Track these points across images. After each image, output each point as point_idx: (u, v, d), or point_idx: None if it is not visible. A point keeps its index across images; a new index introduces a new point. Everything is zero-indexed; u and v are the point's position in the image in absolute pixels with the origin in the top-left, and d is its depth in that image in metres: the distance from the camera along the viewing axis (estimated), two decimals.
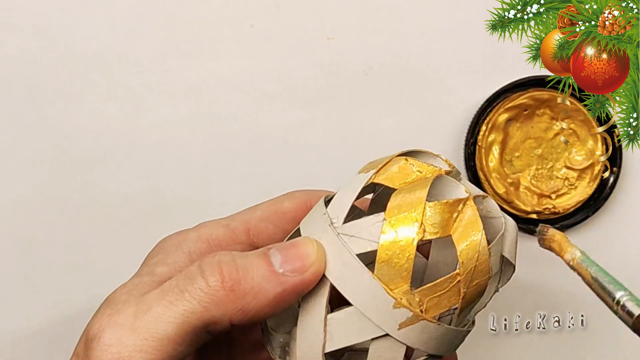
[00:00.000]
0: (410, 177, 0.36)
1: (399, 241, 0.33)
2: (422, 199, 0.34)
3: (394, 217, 0.34)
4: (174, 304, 0.35)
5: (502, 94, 0.56)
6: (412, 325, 0.34)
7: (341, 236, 0.35)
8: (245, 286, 0.35)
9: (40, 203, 0.57)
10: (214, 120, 0.57)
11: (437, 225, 0.34)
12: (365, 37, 0.57)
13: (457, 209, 0.34)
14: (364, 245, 0.34)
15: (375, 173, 0.36)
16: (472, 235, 0.34)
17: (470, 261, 0.34)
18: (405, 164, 0.36)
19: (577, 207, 0.57)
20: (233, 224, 0.42)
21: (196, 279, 0.35)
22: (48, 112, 0.56)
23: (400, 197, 0.34)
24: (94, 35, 0.56)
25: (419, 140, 0.57)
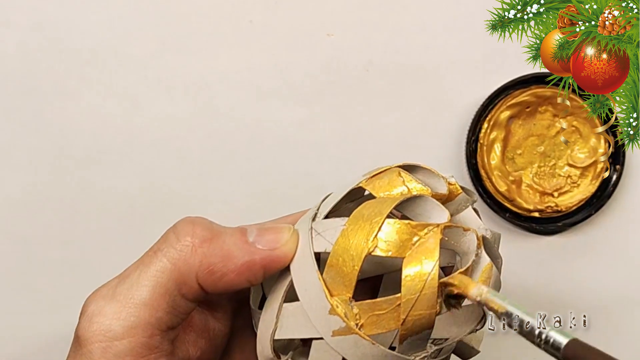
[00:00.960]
0: (395, 190, 0.36)
1: (350, 249, 0.34)
2: (383, 213, 0.34)
3: (352, 225, 0.34)
4: (148, 266, 0.36)
5: (504, 91, 0.57)
6: (344, 336, 0.34)
7: (312, 230, 0.35)
8: (215, 246, 0.36)
9: (37, 200, 0.57)
10: (212, 118, 0.57)
11: (392, 244, 0.34)
12: (366, 34, 0.57)
13: (419, 233, 0.34)
14: (324, 245, 0.35)
15: (367, 178, 0.37)
16: (423, 262, 0.33)
17: (413, 289, 0.33)
18: (396, 177, 0.36)
19: (579, 205, 0.58)
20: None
21: (169, 237, 0.36)
22: (45, 109, 0.57)
23: (367, 207, 0.35)
24: (91, 31, 0.57)
25: (420, 137, 0.58)
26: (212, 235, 0.36)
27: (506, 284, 0.58)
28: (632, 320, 0.59)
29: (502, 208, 0.58)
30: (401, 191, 0.36)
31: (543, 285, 0.59)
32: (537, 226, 0.58)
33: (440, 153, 0.58)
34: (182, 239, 0.36)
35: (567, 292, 0.59)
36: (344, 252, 0.34)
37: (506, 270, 0.58)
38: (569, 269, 0.59)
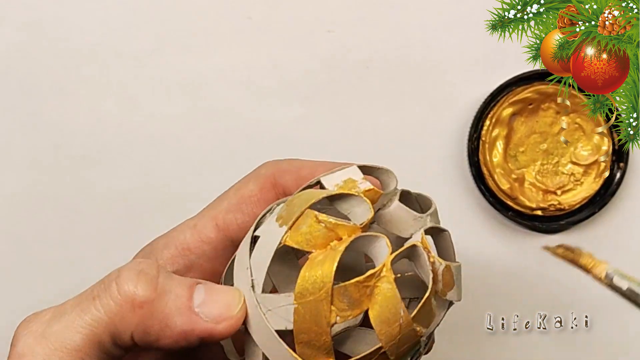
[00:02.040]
0: (321, 240, 0.36)
1: (313, 326, 0.34)
2: (327, 283, 0.34)
3: (303, 302, 0.35)
4: (84, 311, 0.35)
5: (506, 87, 0.58)
6: None
7: (261, 306, 0.36)
8: (156, 309, 0.35)
9: (34, 200, 0.59)
10: (210, 116, 0.59)
11: (350, 305, 0.34)
12: (366, 30, 0.58)
13: (370, 284, 0.34)
14: (281, 323, 0.35)
15: (288, 230, 0.36)
16: (388, 311, 0.34)
17: (391, 335, 0.34)
18: (315, 223, 0.36)
19: (583, 204, 0.59)
20: (201, 222, 0.42)
21: (110, 285, 0.35)
22: (42, 108, 0.58)
23: (307, 278, 0.35)
24: (89, 29, 0.58)
25: (421, 135, 0.59)
26: (155, 295, 0.35)
27: (508, 283, 0.60)
28: (636, 321, 0.60)
29: (504, 206, 0.59)
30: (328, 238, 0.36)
31: (545, 284, 0.60)
32: (540, 225, 0.59)
33: (441, 151, 0.59)
34: (122, 294, 0.35)
35: (570, 292, 0.60)
36: (308, 330, 0.35)
37: (508, 269, 0.60)
38: (572, 268, 0.60)
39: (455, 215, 0.60)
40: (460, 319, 0.59)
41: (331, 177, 0.39)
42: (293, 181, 0.42)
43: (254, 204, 0.42)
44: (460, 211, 0.60)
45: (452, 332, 0.59)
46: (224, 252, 0.42)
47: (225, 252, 0.42)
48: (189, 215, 0.57)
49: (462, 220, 0.60)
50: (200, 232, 0.42)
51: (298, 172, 0.42)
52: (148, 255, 0.42)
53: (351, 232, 0.36)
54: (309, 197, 0.37)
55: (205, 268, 0.42)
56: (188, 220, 0.43)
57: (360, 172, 0.39)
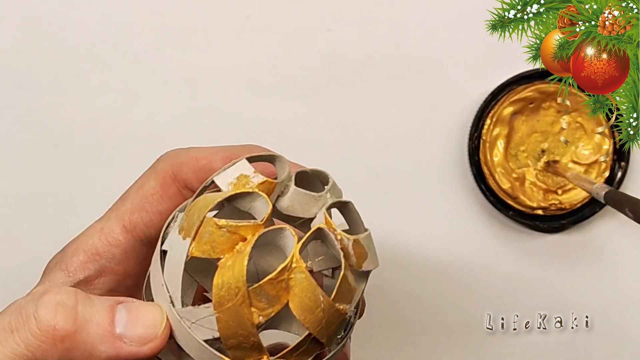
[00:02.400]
0: (227, 245, 0.36)
1: (239, 329, 0.35)
2: (242, 287, 0.35)
3: (223, 310, 0.35)
4: (3, 344, 0.35)
5: (507, 86, 0.58)
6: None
7: (184, 320, 0.36)
8: (78, 340, 0.35)
9: (31, 198, 0.59)
10: (209, 113, 0.59)
11: (270, 302, 0.35)
12: (366, 28, 0.59)
13: (284, 277, 0.35)
14: (207, 333, 0.36)
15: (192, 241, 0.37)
16: (310, 299, 0.35)
17: (317, 320, 0.36)
18: (216, 230, 0.36)
19: (584, 203, 0.60)
20: (107, 225, 0.42)
21: (29, 319, 0.35)
22: (39, 105, 0.58)
23: (220, 286, 0.35)
24: (87, 25, 0.58)
25: (421, 134, 0.59)
26: (76, 327, 0.35)
27: (508, 283, 0.60)
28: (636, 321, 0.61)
29: (505, 206, 0.59)
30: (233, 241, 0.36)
31: (546, 283, 0.60)
32: (541, 224, 0.60)
33: (441, 150, 0.60)
34: (42, 329, 0.35)
35: (571, 291, 0.60)
36: (235, 335, 0.35)
37: (509, 268, 0.60)
38: (573, 267, 0.61)
39: (455, 214, 0.60)
40: (460, 319, 0.59)
41: (224, 176, 0.39)
42: (192, 173, 0.42)
43: (157, 201, 0.42)
44: (461, 211, 0.60)
45: (452, 332, 0.60)
46: (134, 252, 0.42)
47: (135, 253, 0.42)
48: None
49: (463, 219, 0.60)
50: (108, 235, 0.42)
51: (196, 162, 0.42)
52: (59, 264, 0.42)
53: (254, 230, 0.36)
54: (205, 204, 0.37)
55: (116, 271, 0.42)
56: (95, 223, 0.43)
57: (250, 165, 0.39)
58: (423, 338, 0.59)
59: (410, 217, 0.59)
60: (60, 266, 0.41)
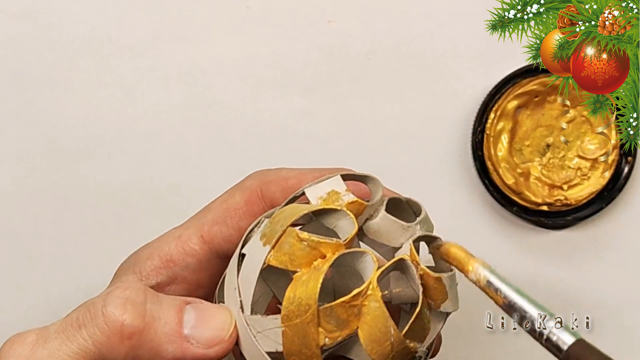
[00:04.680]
0: (305, 259, 0.37)
1: (303, 348, 0.36)
2: (312, 305, 0.35)
3: (290, 325, 0.36)
4: (70, 339, 0.36)
5: (511, 79, 0.60)
6: None
7: (250, 328, 0.37)
8: (145, 338, 0.36)
9: (27, 194, 0.61)
10: (208, 108, 0.61)
11: (338, 326, 0.36)
12: (368, 20, 0.61)
13: (357, 303, 0.36)
14: (271, 345, 0.37)
15: (271, 249, 0.38)
16: (380, 331, 0.36)
17: (384, 354, 0.36)
18: (297, 242, 0.37)
19: (590, 199, 0.62)
20: (186, 233, 0.44)
21: (97, 315, 0.36)
22: (35, 100, 0.60)
23: (293, 302, 0.36)
24: (83, 18, 0.60)
25: (424, 128, 0.61)
26: (144, 324, 0.36)
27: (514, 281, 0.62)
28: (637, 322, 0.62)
29: (509, 201, 0.61)
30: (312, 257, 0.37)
31: (551, 281, 0.62)
32: (546, 220, 0.62)
33: (445, 144, 0.61)
34: (110, 325, 0.36)
35: (577, 289, 0.62)
36: (298, 352, 0.36)
37: (513, 265, 0.62)
38: (579, 265, 0.63)
39: (458, 210, 0.62)
40: (461, 317, 0.61)
41: (315, 189, 0.40)
42: (280, 192, 0.43)
43: (239, 217, 0.44)
44: (464, 206, 0.62)
45: (451, 331, 0.61)
46: (209, 264, 0.44)
47: (209, 265, 0.44)
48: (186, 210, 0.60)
49: (466, 215, 0.62)
50: (185, 243, 0.44)
51: (285, 182, 0.43)
52: (132, 267, 0.44)
53: (335, 249, 0.37)
54: (291, 214, 0.38)
55: (189, 280, 0.44)
56: (173, 230, 0.45)
57: (343, 182, 0.40)
58: None
59: None
60: (133, 269, 0.43)
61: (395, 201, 0.41)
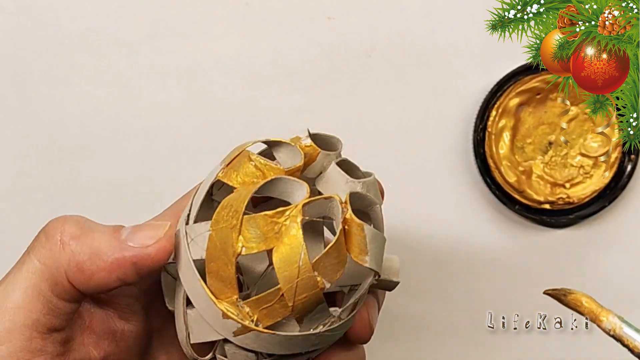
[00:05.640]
0: (249, 177, 0.41)
1: (222, 254, 0.38)
2: (240, 211, 0.38)
3: (217, 229, 0.39)
4: (20, 268, 0.40)
5: (513, 77, 0.61)
6: (245, 334, 0.39)
7: (187, 236, 0.40)
8: (84, 243, 0.39)
9: (25, 192, 0.62)
10: (207, 105, 0.62)
11: (257, 238, 0.38)
12: (368, 17, 0.61)
13: (279, 220, 0.38)
14: (198, 252, 0.40)
15: (223, 169, 0.42)
16: (290, 249, 0.38)
17: (289, 278, 0.37)
18: (247, 162, 0.41)
19: (592, 197, 0.63)
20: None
21: (39, 236, 0.40)
22: (32, 97, 0.61)
23: (225, 207, 0.39)
24: (81, 14, 0.61)
25: (425, 126, 0.62)
26: (82, 232, 0.40)
27: (515, 280, 0.63)
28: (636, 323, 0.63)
29: (511, 200, 0.62)
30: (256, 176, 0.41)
31: (549, 282, 0.63)
32: (548, 219, 0.62)
33: (446, 142, 0.62)
34: (50, 238, 0.39)
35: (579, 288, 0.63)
36: (216, 258, 0.39)
37: (515, 264, 0.62)
38: (581, 264, 0.63)
39: (459, 208, 0.63)
40: (462, 316, 0.62)
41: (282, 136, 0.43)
42: None
43: None
44: (465, 205, 0.63)
45: (452, 330, 0.62)
46: None
47: None
48: None
49: (467, 214, 0.63)
50: None
51: None
52: None
53: (277, 173, 0.40)
54: (248, 143, 0.42)
55: None
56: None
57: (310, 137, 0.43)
58: (424, 334, 0.62)
59: (412, 212, 0.62)
60: None
61: (348, 163, 0.44)
